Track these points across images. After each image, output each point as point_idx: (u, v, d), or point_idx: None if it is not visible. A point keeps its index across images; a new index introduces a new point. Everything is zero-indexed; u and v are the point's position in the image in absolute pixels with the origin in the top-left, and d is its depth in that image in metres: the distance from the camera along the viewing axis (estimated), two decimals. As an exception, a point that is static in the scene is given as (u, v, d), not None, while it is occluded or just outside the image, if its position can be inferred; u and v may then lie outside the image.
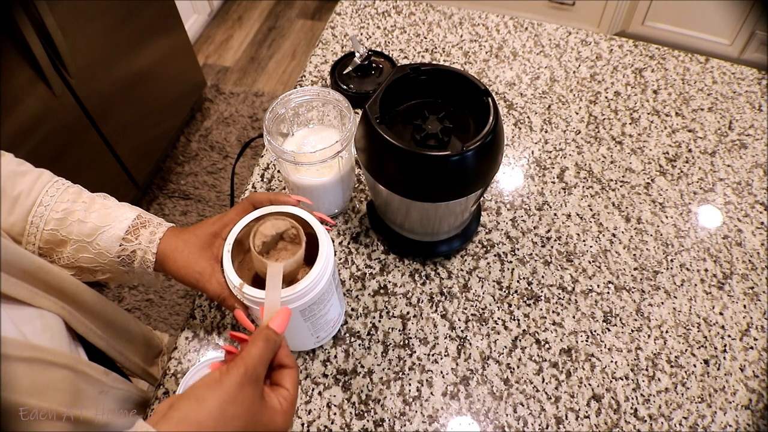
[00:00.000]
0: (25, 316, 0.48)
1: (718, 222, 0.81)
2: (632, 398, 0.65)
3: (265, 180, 0.85)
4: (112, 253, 0.57)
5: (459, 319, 0.71)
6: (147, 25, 1.64)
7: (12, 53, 1.17)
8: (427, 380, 0.66)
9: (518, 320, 0.71)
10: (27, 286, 0.49)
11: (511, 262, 0.77)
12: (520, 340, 0.70)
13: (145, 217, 0.60)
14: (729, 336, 0.70)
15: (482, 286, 0.74)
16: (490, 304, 0.72)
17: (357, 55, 0.94)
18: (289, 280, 0.54)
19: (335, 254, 0.77)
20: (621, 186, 0.85)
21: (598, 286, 0.74)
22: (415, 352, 0.68)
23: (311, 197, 0.73)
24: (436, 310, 0.72)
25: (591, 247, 0.78)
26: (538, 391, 0.66)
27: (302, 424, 0.63)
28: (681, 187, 0.85)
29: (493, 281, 0.75)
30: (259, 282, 0.57)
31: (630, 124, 0.93)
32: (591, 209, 0.82)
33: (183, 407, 0.38)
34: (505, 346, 0.69)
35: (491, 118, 0.61)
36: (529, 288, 0.74)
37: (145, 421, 0.38)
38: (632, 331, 0.70)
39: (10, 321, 0.46)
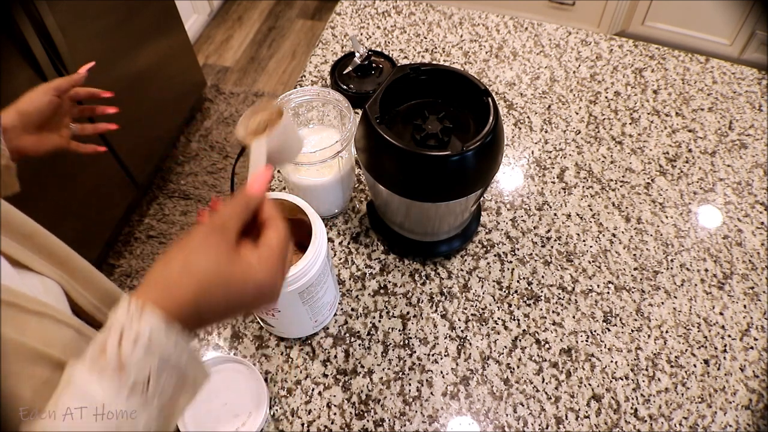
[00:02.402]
0: (28, 281, 0.48)
1: (718, 222, 0.81)
2: (632, 398, 0.65)
3: (265, 180, 0.85)
4: None
5: (459, 319, 0.71)
6: (147, 25, 1.64)
7: (12, 53, 1.17)
8: (427, 380, 0.66)
9: (518, 320, 0.71)
10: (26, 251, 0.49)
11: (511, 262, 0.76)
12: (520, 340, 0.70)
13: None
14: (729, 336, 0.70)
15: (482, 286, 0.74)
16: (490, 304, 0.72)
17: (357, 55, 0.94)
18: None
19: (335, 253, 0.77)
20: (621, 186, 0.85)
21: (598, 286, 0.74)
22: (415, 352, 0.68)
23: (311, 197, 0.73)
24: (436, 310, 0.72)
25: (591, 247, 0.78)
26: (538, 391, 0.66)
27: (302, 424, 0.63)
28: (681, 187, 0.85)
29: (493, 281, 0.75)
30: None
31: (630, 124, 0.93)
32: (591, 209, 0.82)
33: (152, 271, 0.36)
34: (505, 346, 0.69)
35: (491, 118, 0.61)
36: (529, 288, 0.74)
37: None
38: (632, 331, 0.70)
39: (17, 280, 0.45)
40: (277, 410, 0.64)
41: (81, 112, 0.72)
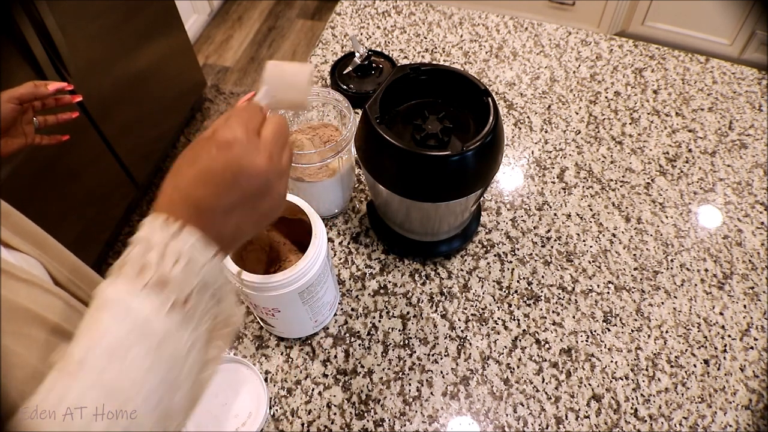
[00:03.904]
0: (11, 258, 0.48)
1: (718, 222, 0.81)
2: (632, 398, 0.65)
3: (265, 180, 0.85)
4: None
5: (459, 319, 0.71)
6: (147, 25, 1.64)
7: (12, 53, 1.17)
8: (427, 380, 0.66)
9: (518, 320, 0.71)
10: (6, 230, 0.49)
11: (511, 262, 0.76)
12: (520, 340, 0.70)
13: None
14: (729, 336, 0.70)
15: (482, 286, 0.74)
16: (490, 304, 0.72)
17: (357, 55, 0.94)
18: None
19: (335, 253, 0.77)
20: (621, 186, 0.85)
21: (598, 286, 0.74)
22: (415, 352, 0.68)
23: (311, 197, 0.73)
24: (436, 310, 0.72)
25: (591, 247, 0.78)
26: (538, 391, 0.66)
27: (302, 424, 0.63)
28: (681, 187, 0.85)
29: (493, 281, 0.75)
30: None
31: (630, 124, 0.93)
32: (591, 209, 0.82)
33: (170, 185, 0.36)
34: (505, 346, 0.69)
35: (491, 118, 0.61)
36: (529, 288, 0.74)
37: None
38: (632, 331, 0.70)
39: (3, 253, 0.45)
40: (277, 410, 0.64)
41: (44, 106, 0.70)
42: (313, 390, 0.66)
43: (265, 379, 0.66)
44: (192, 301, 0.33)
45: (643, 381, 0.66)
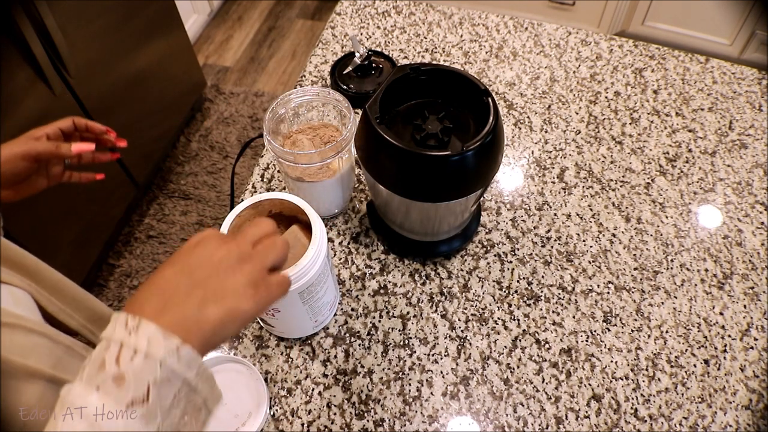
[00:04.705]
0: None
1: (718, 222, 0.81)
2: (632, 398, 0.65)
3: (265, 180, 0.85)
4: None
5: (459, 319, 0.71)
6: (147, 25, 1.64)
7: (12, 53, 1.17)
8: (427, 380, 0.66)
9: (518, 320, 0.71)
10: None
11: (511, 262, 0.76)
12: (520, 340, 0.70)
13: None
14: (729, 336, 0.70)
15: (482, 286, 0.74)
16: (490, 304, 0.72)
17: (357, 55, 0.94)
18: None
19: (335, 253, 0.77)
20: (621, 186, 0.85)
21: (598, 286, 0.74)
22: (415, 352, 0.68)
23: (311, 197, 0.73)
24: (436, 310, 0.72)
25: (591, 247, 0.78)
26: (538, 391, 0.66)
27: (302, 424, 0.63)
28: (681, 187, 0.85)
29: (493, 281, 0.75)
30: None
31: (630, 124, 0.93)
32: (591, 209, 0.82)
33: (141, 290, 0.38)
34: (505, 346, 0.69)
35: (491, 118, 0.61)
36: (529, 288, 0.74)
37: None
38: (632, 331, 0.70)
39: None
40: (277, 410, 0.64)
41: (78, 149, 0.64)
42: (313, 390, 0.66)
43: (266, 379, 0.66)
44: (152, 395, 0.32)
45: (643, 381, 0.66)
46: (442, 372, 0.67)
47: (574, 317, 0.72)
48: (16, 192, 0.61)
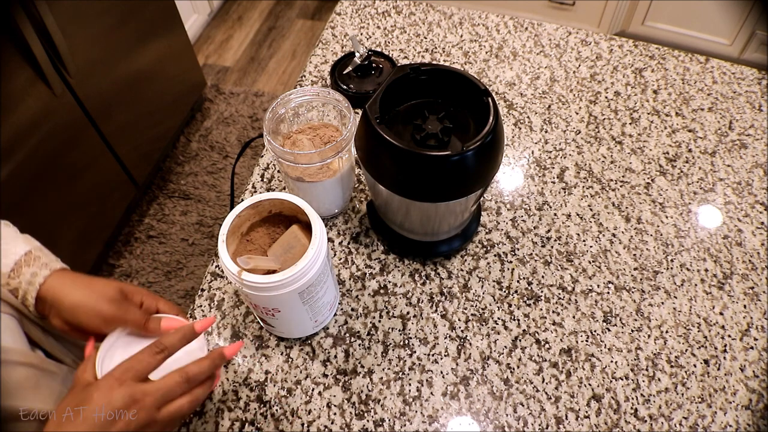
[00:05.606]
0: None
1: (718, 222, 0.81)
2: (632, 398, 0.65)
3: (265, 180, 0.85)
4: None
5: (459, 319, 0.71)
6: (147, 25, 1.64)
7: (12, 53, 1.17)
8: (427, 380, 0.66)
9: (518, 320, 0.71)
10: None
11: (511, 262, 0.76)
12: (520, 340, 0.70)
13: (35, 254, 0.55)
14: (729, 336, 0.70)
15: (482, 286, 0.74)
16: (490, 304, 0.72)
17: (357, 55, 0.94)
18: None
19: (335, 253, 0.77)
20: (621, 186, 0.85)
21: (598, 286, 0.74)
22: (415, 352, 0.68)
23: (311, 197, 0.73)
24: (436, 310, 0.72)
25: (591, 247, 0.78)
26: (538, 391, 0.66)
27: (302, 424, 0.63)
28: (681, 187, 0.85)
29: (493, 281, 0.75)
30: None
31: (630, 124, 0.93)
32: (591, 209, 0.82)
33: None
34: (505, 346, 0.69)
35: (491, 118, 0.61)
36: (529, 288, 0.74)
37: None
38: (632, 331, 0.70)
39: None
40: (277, 410, 0.64)
41: None
42: (313, 390, 0.66)
43: (265, 379, 0.66)
44: None
45: (643, 381, 0.66)
46: (442, 372, 0.67)
47: (574, 317, 0.72)
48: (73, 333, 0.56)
